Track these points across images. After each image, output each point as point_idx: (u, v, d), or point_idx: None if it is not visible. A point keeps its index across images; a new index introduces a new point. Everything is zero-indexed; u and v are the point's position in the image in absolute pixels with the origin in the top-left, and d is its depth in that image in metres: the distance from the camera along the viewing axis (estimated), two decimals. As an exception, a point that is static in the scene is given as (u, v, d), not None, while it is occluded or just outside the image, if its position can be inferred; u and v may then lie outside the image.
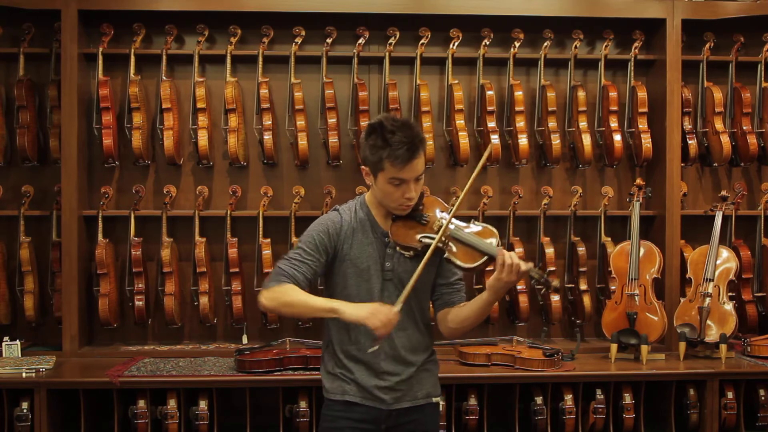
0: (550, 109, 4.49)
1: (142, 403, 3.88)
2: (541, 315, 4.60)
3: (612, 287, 4.39)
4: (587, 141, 4.50)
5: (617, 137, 4.51)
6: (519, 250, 4.44)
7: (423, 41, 4.47)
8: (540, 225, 4.54)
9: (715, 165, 4.69)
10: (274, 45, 4.51)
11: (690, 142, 4.59)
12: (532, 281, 2.50)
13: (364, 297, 2.57)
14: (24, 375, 3.87)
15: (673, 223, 4.50)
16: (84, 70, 4.36)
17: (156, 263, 4.45)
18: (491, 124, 4.45)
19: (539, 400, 4.01)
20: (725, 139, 4.56)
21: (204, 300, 4.36)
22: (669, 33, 4.48)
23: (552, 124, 4.49)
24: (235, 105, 4.37)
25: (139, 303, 4.35)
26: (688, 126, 4.61)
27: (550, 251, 4.47)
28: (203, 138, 4.37)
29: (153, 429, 3.91)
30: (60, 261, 4.27)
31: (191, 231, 4.42)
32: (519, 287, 4.38)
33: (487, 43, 4.52)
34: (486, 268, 2.59)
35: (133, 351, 4.34)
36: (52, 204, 4.39)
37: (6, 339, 4.17)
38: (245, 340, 4.46)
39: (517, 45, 4.53)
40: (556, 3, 4.50)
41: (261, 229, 4.39)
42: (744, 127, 4.60)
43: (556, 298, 4.46)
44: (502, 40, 4.58)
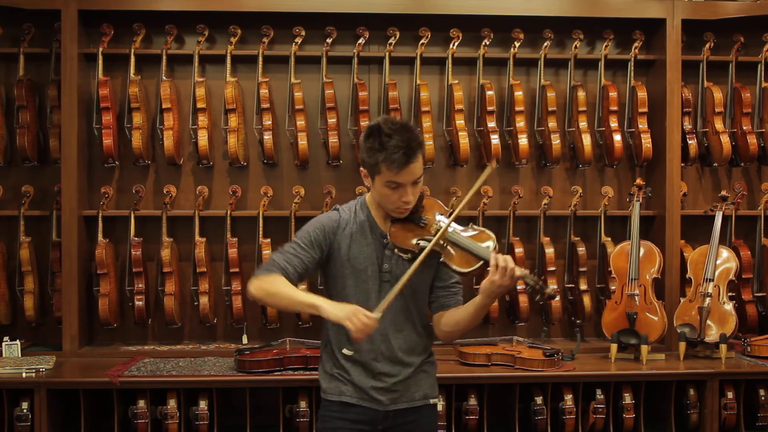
0: (550, 109, 4.49)
1: (142, 403, 3.88)
2: (541, 315, 4.60)
3: (612, 287, 4.39)
4: (587, 141, 4.50)
5: (617, 137, 4.51)
6: (519, 250, 4.45)
7: (423, 41, 4.47)
8: (540, 225, 4.54)
9: (715, 165, 4.69)
10: (274, 45, 4.51)
11: (690, 142, 4.59)
12: (527, 288, 2.48)
13: (361, 298, 2.57)
14: (24, 375, 3.87)
15: (673, 223, 4.50)
16: (84, 70, 4.36)
17: (156, 263, 4.45)
18: (491, 124, 4.45)
19: (539, 400, 4.01)
20: (725, 139, 4.56)
21: (204, 300, 4.36)
22: (669, 33, 4.48)
23: (552, 124, 4.49)
24: (235, 105, 4.37)
25: (139, 303, 4.35)
26: (688, 126, 4.61)
27: (550, 251, 4.47)
28: (203, 138, 4.37)
29: (153, 429, 3.91)
30: (60, 261, 4.27)
31: (191, 231, 4.42)
32: (519, 287, 4.38)
33: (487, 43, 4.52)
34: (482, 272, 2.56)
35: (133, 351, 4.34)
36: (52, 204, 4.39)
37: (6, 339, 4.17)
38: (245, 340, 4.46)
39: (517, 45, 4.53)
40: (556, 3, 4.50)
41: (261, 229, 4.39)
42: (744, 127, 4.60)
43: (556, 298, 4.45)
44: (502, 40, 4.58)
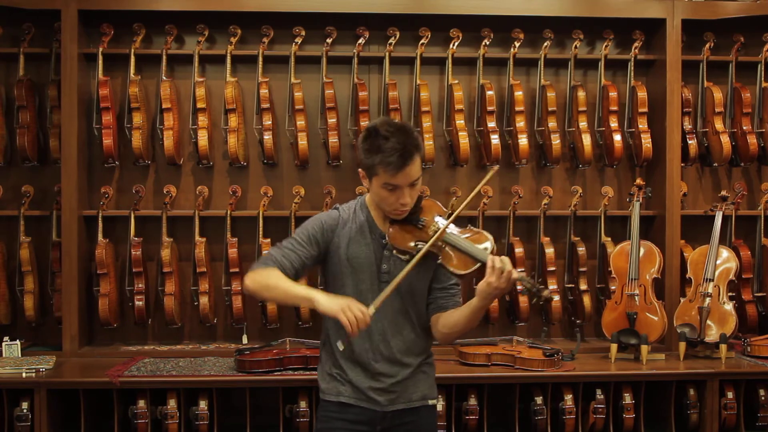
0: (550, 109, 4.49)
1: (142, 403, 3.88)
2: (541, 315, 4.59)
3: (612, 287, 4.39)
4: (587, 141, 4.50)
5: (617, 137, 4.51)
6: (519, 250, 4.44)
7: (423, 41, 4.47)
8: (540, 225, 4.54)
9: (715, 165, 4.69)
10: (274, 45, 4.51)
11: (690, 142, 4.59)
12: (523, 291, 2.48)
13: (359, 297, 2.55)
14: (24, 375, 3.86)
15: (673, 223, 4.50)
16: (84, 70, 4.36)
17: (156, 263, 4.45)
18: (491, 124, 4.45)
19: (539, 400, 4.00)
20: (725, 139, 4.56)
21: (204, 300, 4.36)
22: (669, 33, 4.48)
23: (552, 124, 4.49)
24: (235, 105, 4.37)
25: (139, 303, 4.35)
26: (688, 126, 4.60)
27: (550, 251, 4.47)
28: (203, 138, 4.37)
29: (153, 429, 3.91)
30: (60, 261, 4.27)
31: (191, 231, 4.42)
32: (518, 287, 4.37)
33: (487, 43, 4.52)
34: (481, 274, 2.53)
35: (133, 351, 4.34)
36: (52, 204, 4.39)
37: (6, 339, 4.17)
38: (245, 340, 4.46)
39: (517, 45, 4.53)
40: (556, 3, 4.50)
41: (261, 229, 4.39)
42: (744, 127, 4.60)
43: (556, 298, 4.46)
44: (502, 40, 4.58)
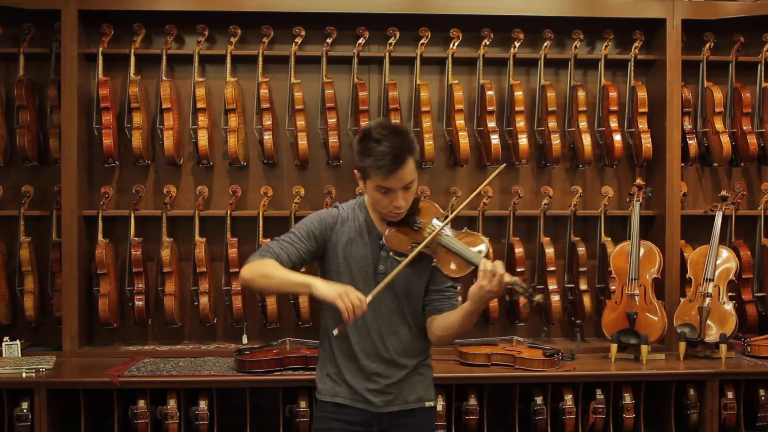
0: (550, 109, 4.49)
1: (142, 403, 3.88)
2: (541, 315, 4.59)
3: (612, 287, 4.39)
4: (587, 141, 4.50)
5: (617, 137, 4.51)
6: (519, 250, 4.45)
7: (423, 41, 4.47)
8: (540, 225, 4.54)
9: (715, 165, 4.69)
10: (274, 45, 4.51)
11: (690, 142, 4.59)
12: (516, 295, 2.47)
13: None
14: (24, 375, 3.86)
15: (673, 223, 4.50)
16: (84, 70, 4.36)
17: (156, 263, 4.45)
18: (491, 124, 4.45)
19: (539, 400, 4.00)
20: (725, 139, 4.56)
21: (204, 300, 4.36)
22: (669, 33, 4.48)
23: (552, 124, 4.49)
24: (235, 105, 4.37)
25: (139, 303, 4.35)
26: (688, 126, 4.60)
27: (550, 251, 4.47)
28: (203, 138, 4.37)
29: (153, 429, 3.91)
30: (60, 261, 4.27)
31: (191, 231, 4.42)
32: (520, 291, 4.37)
33: (487, 43, 4.52)
34: (476, 277, 2.53)
35: (133, 351, 4.34)
36: (52, 204, 4.39)
37: (6, 339, 4.17)
38: (245, 340, 4.46)
39: (517, 45, 4.53)
40: (556, 3, 4.50)
41: (261, 229, 4.39)
42: (744, 127, 4.60)
43: (556, 298, 4.46)
44: (502, 40, 4.58)
